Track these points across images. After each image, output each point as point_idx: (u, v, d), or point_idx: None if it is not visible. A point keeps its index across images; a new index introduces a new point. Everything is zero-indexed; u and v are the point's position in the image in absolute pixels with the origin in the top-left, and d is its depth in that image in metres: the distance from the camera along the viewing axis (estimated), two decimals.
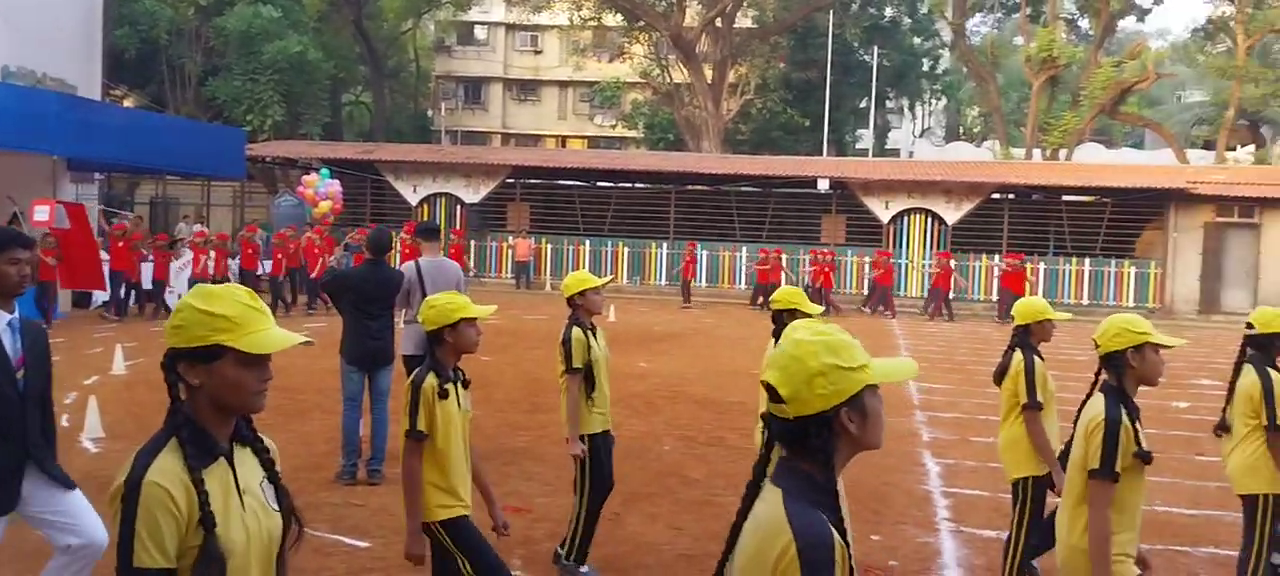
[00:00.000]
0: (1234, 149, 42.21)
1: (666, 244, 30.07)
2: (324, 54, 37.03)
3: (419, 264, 8.47)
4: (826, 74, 41.72)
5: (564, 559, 6.03)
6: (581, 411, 5.90)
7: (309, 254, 22.14)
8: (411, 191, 31.30)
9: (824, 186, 29.69)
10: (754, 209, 31.43)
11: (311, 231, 23.14)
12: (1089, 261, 28.17)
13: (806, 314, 5.36)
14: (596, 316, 6.10)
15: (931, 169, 30.74)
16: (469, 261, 29.67)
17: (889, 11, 49.01)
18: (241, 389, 2.23)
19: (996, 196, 28.88)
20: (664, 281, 29.74)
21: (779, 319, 5.62)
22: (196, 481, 2.16)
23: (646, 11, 40.88)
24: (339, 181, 26.61)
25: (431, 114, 54.55)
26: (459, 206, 31.31)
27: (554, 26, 52.57)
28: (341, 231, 24.26)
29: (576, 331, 5.90)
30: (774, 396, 2.02)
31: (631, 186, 33.45)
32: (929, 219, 28.85)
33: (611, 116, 51.61)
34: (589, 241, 30.78)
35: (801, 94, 44.60)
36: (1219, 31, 43.29)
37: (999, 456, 5.79)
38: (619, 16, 43.26)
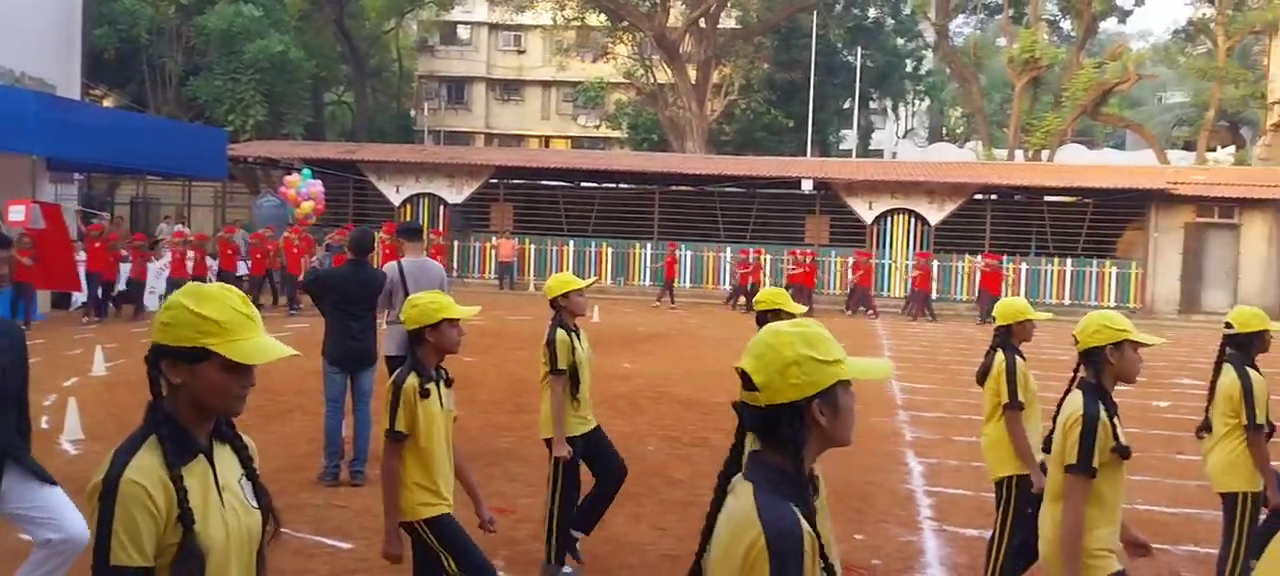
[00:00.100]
0: (1214, 150, 42.51)
1: (650, 244, 30.06)
2: (306, 53, 36.86)
3: (402, 264, 8.44)
4: (810, 74, 41.79)
5: (545, 563, 6.03)
6: (567, 413, 5.90)
7: (288, 254, 22.04)
8: (394, 192, 31.20)
9: (808, 187, 29.76)
10: (738, 209, 31.46)
11: (290, 231, 23.03)
12: (1071, 261, 28.31)
13: (790, 315, 5.37)
14: (580, 318, 6.10)
15: (914, 170, 30.83)
16: (452, 262, 29.63)
17: (872, 12, 49.17)
18: (223, 393, 2.21)
19: (979, 197, 29.00)
20: (648, 282, 29.73)
21: (763, 320, 5.61)
22: (175, 478, 2.14)
23: (630, 11, 40.85)
24: (321, 182, 26.50)
25: (414, 114, 54.40)
26: (442, 207, 31.23)
27: (537, 26, 52.45)
28: (321, 231, 24.17)
29: (561, 333, 5.89)
30: (747, 383, 2.05)
31: (615, 187, 33.44)
32: (912, 219, 28.94)
33: (595, 117, 51.58)
34: (573, 242, 30.75)
35: (785, 94, 44.67)
36: (1199, 33, 43.64)
37: (983, 456, 5.81)
38: (602, 16, 43.21)
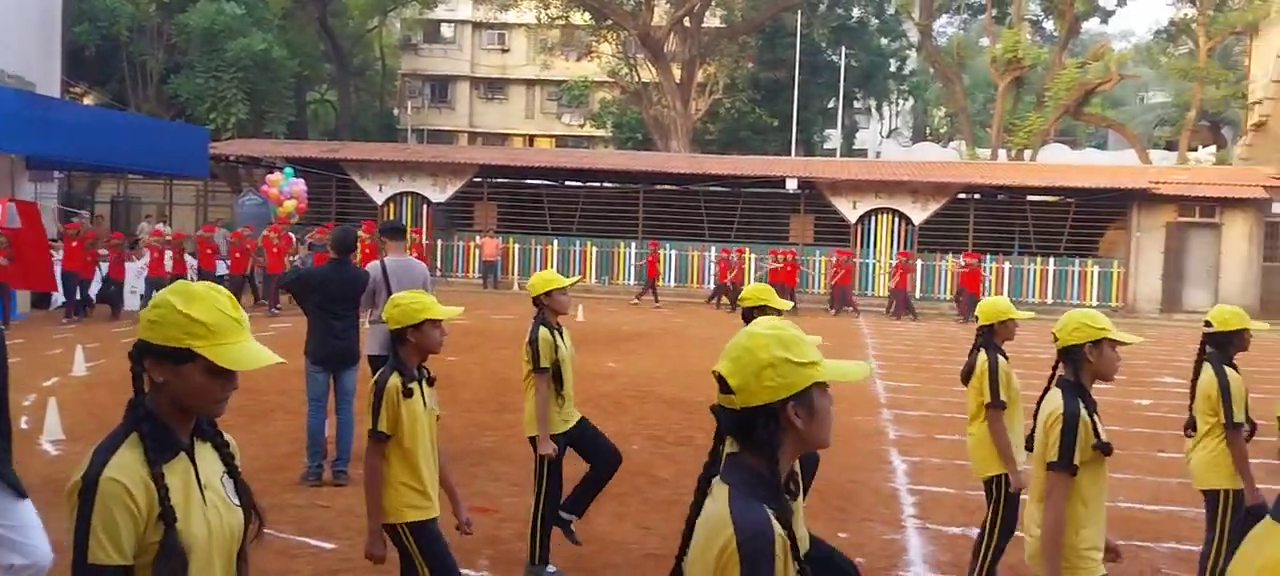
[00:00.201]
0: (1196, 149, 42.80)
1: (635, 243, 30.05)
2: (288, 51, 36.69)
3: (385, 263, 8.41)
4: (795, 74, 41.87)
5: (529, 563, 6.01)
6: (552, 411, 5.88)
7: (268, 253, 21.91)
8: (377, 190, 31.09)
9: (792, 186, 29.80)
10: (722, 209, 31.48)
11: (269, 230, 22.92)
12: (1053, 261, 28.44)
13: (776, 311, 5.37)
14: (563, 316, 6.09)
15: (898, 169, 30.92)
16: (435, 261, 29.56)
17: (856, 12, 49.31)
18: (205, 396, 2.20)
19: (962, 196, 29.10)
20: (632, 281, 29.71)
21: (748, 316, 5.60)
22: (157, 477, 2.12)
23: (614, 10, 40.82)
24: (304, 181, 26.40)
25: (397, 112, 54.25)
26: (425, 206, 31.13)
27: (521, 25, 52.35)
28: (301, 230, 24.07)
29: (543, 331, 5.88)
30: (724, 387, 2.05)
31: (599, 186, 33.41)
32: (896, 219, 29.02)
33: (579, 115, 51.53)
34: (557, 241, 30.72)
35: (770, 94, 44.74)
36: (1181, 33, 43.90)
37: (969, 455, 5.83)
38: (587, 15, 43.18)
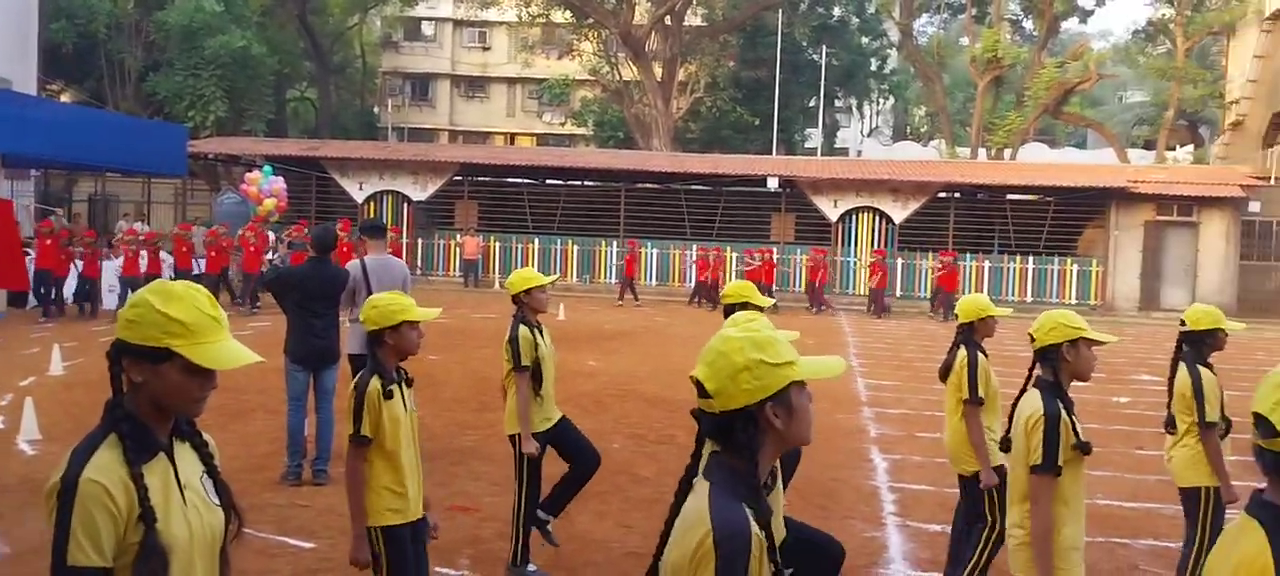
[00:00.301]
0: (1173, 149, 43.13)
1: (616, 242, 30.04)
2: (268, 49, 36.50)
3: (365, 262, 8.39)
4: (776, 73, 41.95)
5: (510, 563, 6.00)
6: (532, 409, 5.88)
7: (244, 251, 21.78)
8: (357, 189, 30.97)
9: (773, 185, 29.88)
10: (704, 207, 31.51)
11: (246, 228, 22.79)
12: (1032, 259, 28.60)
13: (758, 307, 5.37)
14: (542, 315, 6.08)
15: (879, 168, 31.02)
16: (416, 260, 29.46)
17: (837, 11, 49.45)
18: (184, 395, 2.18)
19: (943, 195, 29.23)
20: (613, 280, 29.71)
21: (729, 312, 5.61)
22: (136, 477, 2.10)
23: (595, 9, 40.78)
24: (283, 179, 26.25)
25: (378, 110, 54.08)
26: (406, 204, 31.03)
27: (502, 23, 52.24)
28: (279, 228, 23.95)
29: (523, 329, 5.87)
30: (701, 391, 2.05)
31: (581, 184, 33.39)
32: (877, 217, 29.12)
33: (560, 114, 51.48)
34: (538, 239, 30.68)
35: (751, 92, 44.82)
36: (1159, 33, 44.20)
37: (946, 451, 5.86)
38: (568, 13, 43.11)
